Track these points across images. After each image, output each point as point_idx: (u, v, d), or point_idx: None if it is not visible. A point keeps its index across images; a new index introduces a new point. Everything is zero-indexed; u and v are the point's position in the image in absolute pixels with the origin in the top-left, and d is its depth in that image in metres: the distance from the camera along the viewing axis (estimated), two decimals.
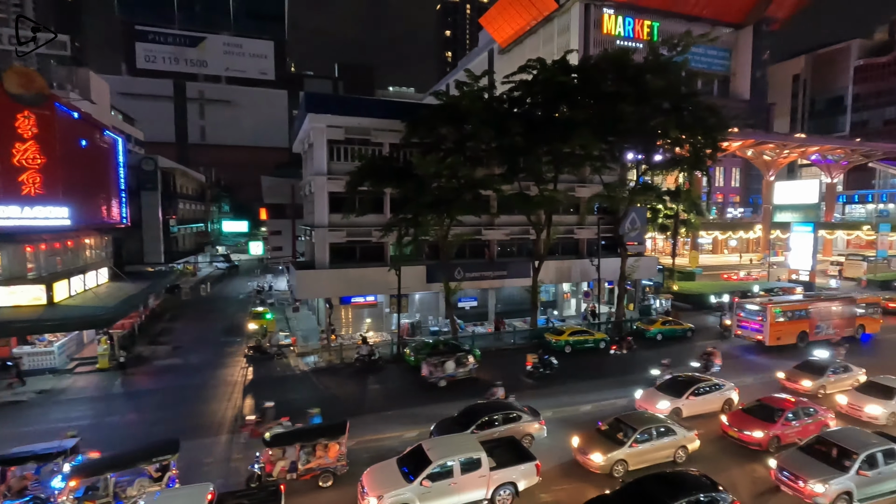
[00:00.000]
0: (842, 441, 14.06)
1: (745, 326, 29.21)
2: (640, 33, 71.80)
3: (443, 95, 29.90)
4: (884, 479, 13.40)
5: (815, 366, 21.80)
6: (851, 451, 13.53)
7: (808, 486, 12.96)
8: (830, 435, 14.69)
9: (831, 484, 12.85)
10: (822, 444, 14.27)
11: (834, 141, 71.98)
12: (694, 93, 32.87)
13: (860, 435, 14.52)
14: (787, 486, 13.56)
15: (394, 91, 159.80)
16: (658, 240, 57.99)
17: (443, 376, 22.52)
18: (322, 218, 30.08)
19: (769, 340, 27.68)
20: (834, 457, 13.65)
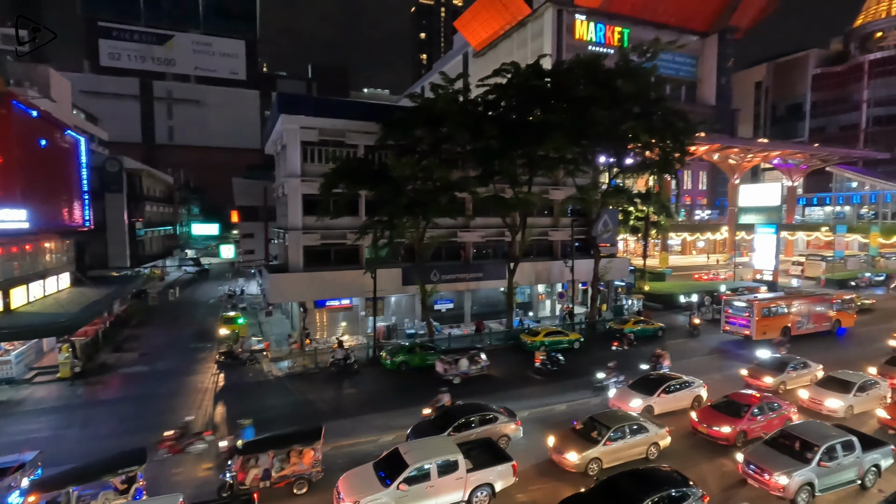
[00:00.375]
0: (804, 434, 14.61)
1: (732, 322, 30.54)
2: (611, 39, 73.39)
3: (418, 98, 29.93)
4: (842, 470, 13.99)
5: (776, 362, 22.59)
6: (813, 443, 14.08)
7: (772, 479, 13.41)
8: (793, 428, 15.25)
9: (794, 476, 13.32)
10: (785, 438, 14.80)
11: (794, 146, 75.03)
12: (663, 98, 33.78)
13: (821, 428, 15.12)
14: (754, 479, 14.00)
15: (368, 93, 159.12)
16: (630, 241, 59.28)
17: (457, 373, 23.20)
18: (296, 220, 29.63)
19: (756, 335, 29.04)
20: (797, 449, 14.17)
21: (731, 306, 30.80)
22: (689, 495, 12.20)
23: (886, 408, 18.08)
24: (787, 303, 30.62)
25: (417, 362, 25.27)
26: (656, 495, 11.83)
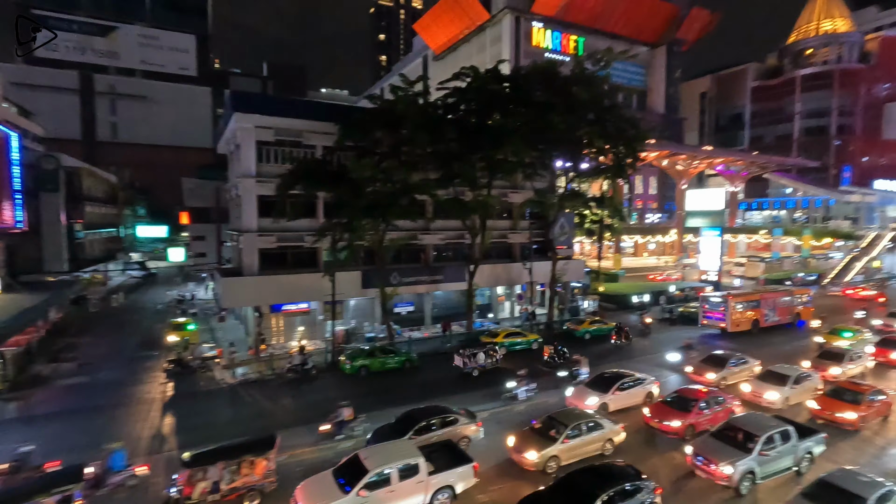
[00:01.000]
0: (746, 426, 15.46)
1: (709, 317, 33.26)
2: (567, 47, 75.48)
3: (377, 99, 29.77)
4: (780, 458, 14.89)
5: (717, 359, 23.65)
6: (754, 434, 14.90)
7: (718, 469, 14.10)
8: (736, 420, 16.11)
9: (738, 465, 14.05)
10: (729, 430, 15.60)
11: (735, 154, 79.54)
12: (616, 105, 35.06)
13: (761, 419, 16.05)
14: (701, 469, 14.68)
15: (326, 93, 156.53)
16: (585, 244, 61.00)
17: (475, 366, 24.64)
18: (250, 222, 28.71)
19: (730, 327, 31.92)
20: (740, 440, 14.96)
21: (707, 302, 33.57)
22: (643, 488, 12.67)
23: (817, 399, 19.35)
24: (757, 298, 33.54)
25: (378, 366, 25.01)
26: (612, 489, 12.23)
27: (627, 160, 33.77)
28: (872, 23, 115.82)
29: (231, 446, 14.16)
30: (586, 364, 23.72)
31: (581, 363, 23.75)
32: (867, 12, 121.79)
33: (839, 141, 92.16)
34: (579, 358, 24.18)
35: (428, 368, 25.93)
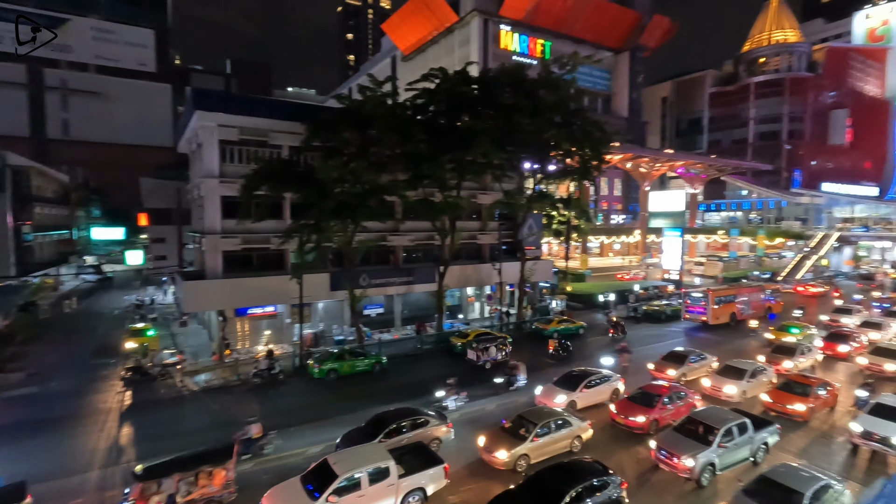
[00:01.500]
0: (706, 419, 16.01)
1: (692, 311, 35.59)
2: (534, 51, 76.63)
3: (346, 99, 29.40)
4: (738, 449, 15.50)
5: (677, 356, 24.35)
6: (713, 426, 15.46)
7: (680, 462, 14.57)
8: (697, 414, 16.67)
9: (698, 458, 14.54)
10: (691, 424, 16.13)
11: (695, 157, 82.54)
12: (582, 109, 35.77)
13: (720, 412, 16.66)
14: (665, 463, 15.13)
15: (293, 92, 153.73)
16: (553, 244, 62.04)
17: (488, 359, 26.06)
18: (214, 224, 27.88)
19: (711, 320, 34.35)
20: (700, 433, 15.48)
21: (689, 297, 36.13)
22: (610, 483, 12.97)
23: (769, 393, 20.16)
24: (733, 293, 36.47)
25: (347, 370, 24.69)
26: (580, 485, 12.46)
27: (593, 162, 34.53)
28: (819, 34, 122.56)
29: (187, 457, 13.51)
30: (524, 370, 22.93)
31: (519, 369, 22.82)
32: (814, 24, 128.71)
33: (790, 145, 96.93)
34: (517, 364, 23.20)
35: (398, 370, 25.80)
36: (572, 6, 76.55)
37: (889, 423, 16.35)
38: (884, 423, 16.40)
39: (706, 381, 22.13)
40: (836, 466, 15.78)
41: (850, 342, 27.30)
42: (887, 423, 16.37)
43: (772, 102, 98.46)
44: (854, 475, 15.27)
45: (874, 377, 23.00)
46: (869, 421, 16.71)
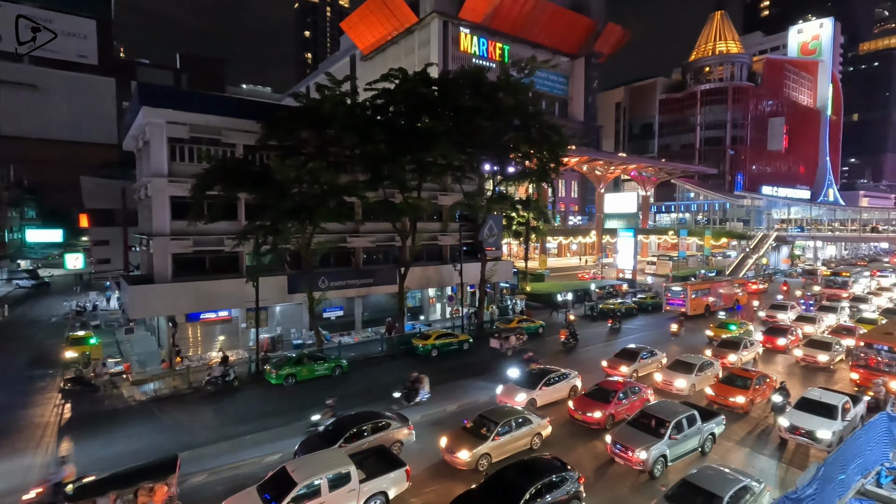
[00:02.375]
0: (658, 413, 16.61)
1: (672, 303, 39.60)
2: (493, 54, 77.64)
3: (303, 98, 28.71)
4: (687, 440, 16.18)
5: (629, 353, 25.17)
6: (665, 419, 16.06)
7: (634, 455, 15.08)
8: (650, 408, 17.29)
9: (651, 450, 15.08)
10: (644, 418, 16.68)
11: (646, 160, 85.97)
12: (540, 112, 36.49)
13: (671, 406, 17.33)
14: (620, 456, 15.60)
15: (248, 89, 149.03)
16: (513, 245, 63.01)
17: (509, 347, 28.37)
18: (162, 225, 26.62)
19: (690, 311, 38.15)
20: (653, 427, 16.04)
21: (670, 291, 40.40)
22: (568, 479, 13.27)
23: (712, 386, 21.07)
24: (707, 287, 40.95)
25: (306, 374, 24.12)
26: (539, 482, 12.70)
27: (551, 164, 35.29)
28: (758, 46, 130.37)
29: (125, 473, 12.61)
30: (427, 383, 21.02)
31: (422, 382, 20.93)
32: (754, 36, 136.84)
33: (733, 150, 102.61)
34: (420, 377, 21.14)
35: (359, 374, 25.46)
36: (530, 11, 78.08)
37: (814, 417, 17.03)
38: (809, 417, 17.08)
39: (658, 376, 23.04)
40: (770, 454, 16.76)
41: (787, 335, 29.16)
42: (812, 417, 17.05)
43: (716, 110, 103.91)
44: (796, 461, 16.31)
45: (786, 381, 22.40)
46: (795, 415, 17.37)
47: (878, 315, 35.95)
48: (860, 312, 37.60)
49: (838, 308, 37.29)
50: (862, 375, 22.43)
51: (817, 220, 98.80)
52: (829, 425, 16.64)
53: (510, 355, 27.87)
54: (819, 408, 17.35)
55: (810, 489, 11.98)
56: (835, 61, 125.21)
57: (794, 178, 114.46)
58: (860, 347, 23.14)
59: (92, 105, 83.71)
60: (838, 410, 17.09)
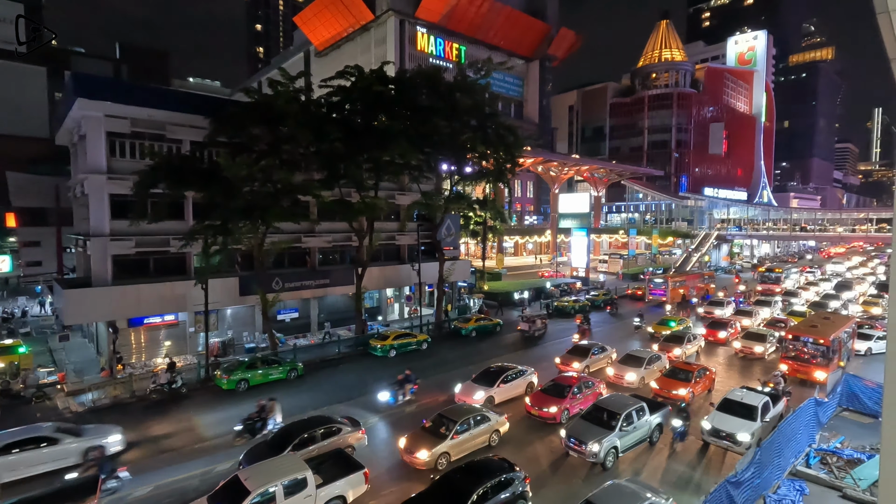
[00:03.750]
0: (609, 406, 17.14)
1: (654, 293, 45.33)
2: (450, 54, 77.96)
3: (255, 93, 27.72)
4: (637, 432, 16.78)
5: (581, 349, 25.89)
6: (615, 412, 16.59)
7: (587, 448, 15.51)
8: (601, 402, 17.78)
9: (603, 442, 15.53)
10: (596, 411, 17.16)
11: (598, 162, 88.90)
12: (496, 113, 36.95)
13: (622, 399, 17.93)
14: (573, 450, 15.99)
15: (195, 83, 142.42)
16: (470, 244, 63.58)
17: (536, 329, 32.72)
18: (101, 225, 25.04)
19: (669, 301, 43.56)
20: (604, 420, 16.54)
21: (653, 283, 46.17)
22: (514, 479, 13.37)
23: (657, 380, 21.93)
24: (683, 279, 47.37)
25: (260, 379, 23.36)
26: (486, 484, 12.68)
27: (507, 165, 35.84)
28: (700, 55, 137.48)
29: (41, 496, 11.82)
30: (279, 410, 18.08)
31: (272, 410, 17.88)
32: (696, 45, 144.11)
33: (677, 153, 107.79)
34: (270, 403, 18.03)
35: (315, 377, 24.93)
36: (486, 13, 78.96)
37: (735, 420, 16.65)
38: (731, 420, 16.69)
39: (610, 370, 23.88)
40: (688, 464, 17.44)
41: (727, 329, 30.96)
42: (734, 420, 16.67)
43: (662, 114, 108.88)
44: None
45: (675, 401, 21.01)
46: (717, 417, 17.01)
47: (806, 308, 38.82)
48: (791, 306, 40.43)
49: (772, 302, 39.98)
50: (791, 366, 23.74)
51: (753, 219, 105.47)
52: (748, 427, 16.37)
53: (537, 336, 32.46)
54: (740, 409, 17.13)
55: (748, 472, 12.77)
56: (768, 71, 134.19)
57: (732, 180, 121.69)
58: (789, 340, 24.40)
59: (19, 95, 77.41)
60: (758, 411, 16.94)
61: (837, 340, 23.85)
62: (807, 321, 27.52)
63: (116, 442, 16.41)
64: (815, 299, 43.71)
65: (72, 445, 15.37)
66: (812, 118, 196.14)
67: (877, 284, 51.99)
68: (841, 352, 24.46)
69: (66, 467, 14.82)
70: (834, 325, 24.95)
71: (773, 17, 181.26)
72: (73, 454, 15.22)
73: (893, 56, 7.46)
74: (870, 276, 61.61)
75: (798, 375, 23.45)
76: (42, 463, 14.80)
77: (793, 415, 16.15)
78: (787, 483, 14.34)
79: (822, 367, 22.79)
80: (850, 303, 42.78)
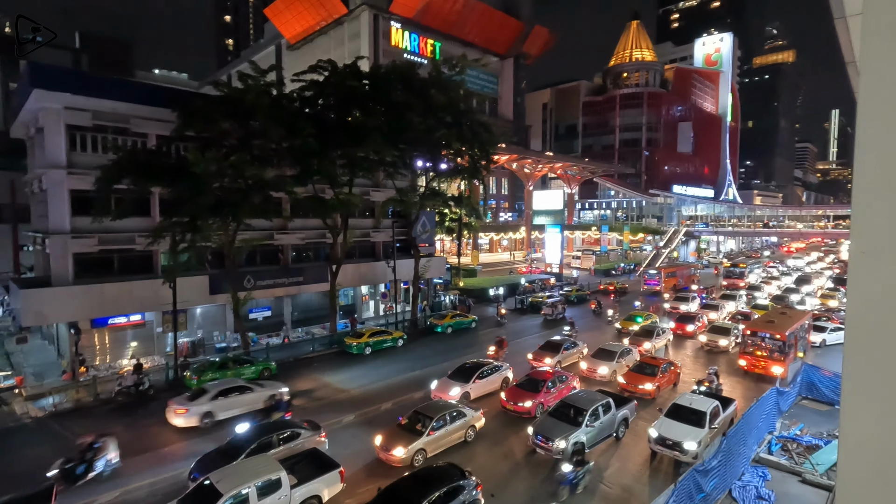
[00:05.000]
0: (576, 402, 16.94)
1: (648, 283, 50.35)
2: (424, 50, 77.64)
3: (224, 87, 27.01)
4: (603, 427, 16.62)
5: (553, 345, 26.08)
6: (582, 408, 16.43)
7: (553, 445, 15.31)
8: (569, 398, 17.56)
9: (569, 439, 15.35)
10: (563, 407, 16.92)
11: (571, 160, 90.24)
12: (471, 110, 37.01)
13: (589, 395, 17.74)
14: (540, 447, 15.78)
15: (161, 75, 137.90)
16: (446, 241, 63.62)
17: (557, 313, 36.80)
18: (61, 222, 24.01)
19: (663, 290, 48.02)
20: (571, 416, 16.31)
21: (647, 273, 51.80)
22: (465, 487, 12.79)
23: (624, 375, 22.18)
24: (674, 271, 52.47)
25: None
26: (433, 494, 12.20)
27: (482, 162, 35.98)
28: (669, 55, 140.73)
29: None
30: (114, 448, 15.35)
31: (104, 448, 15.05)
32: (665, 46, 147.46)
33: (648, 152, 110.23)
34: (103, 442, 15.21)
35: (289, 376, 24.52)
36: (460, 9, 78.92)
37: (682, 427, 15.82)
38: (678, 427, 15.85)
39: (583, 364, 24.31)
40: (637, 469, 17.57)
41: (695, 322, 31.92)
42: (681, 427, 15.83)
43: (633, 113, 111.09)
44: None
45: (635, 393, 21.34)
46: (665, 424, 16.13)
47: (769, 302, 40.36)
48: (755, 299, 41.98)
49: (737, 296, 41.43)
50: (749, 361, 23.99)
51: (720, 216, 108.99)
52: (695, 434, 15.46)
53: (560, 318, 36.18)
54: (689, 415, 16.30)
55: (715, 461, 13.22)
56: (733, 73, 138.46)
57: (700, 178, 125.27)
58: (747, 336, 24.40)
59: None
60: (706, 417, 16.06)
61: (794, 335, 24.20)
62: (764, 317, 27.76)
63: (286, 392, 20.50)
64: (777, 293, 45.49)
65: (261, 392, 19.94)
66: (774, 119, 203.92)
67: (833, 278, 54.48)
68: (797, 346, 24.91)
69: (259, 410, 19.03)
70: (791, 320, 25.30)
71: (738, 20, 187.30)
72: (262, 399, 19.70)
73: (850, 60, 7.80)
74: (827, 271, 64.48)
75: (756, 370, 23.74)
76: (244, 405, 19.37)
77: (755, 404, 16.76)
78: (750, 469, 14.92)
79: (779, 362, 23.03)
80: (809, 296, 44.71)
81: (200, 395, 18.94)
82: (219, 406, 18.88)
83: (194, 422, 18.27)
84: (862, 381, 2.74)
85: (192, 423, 18.26)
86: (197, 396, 18.95)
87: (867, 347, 2.70)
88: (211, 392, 19.03)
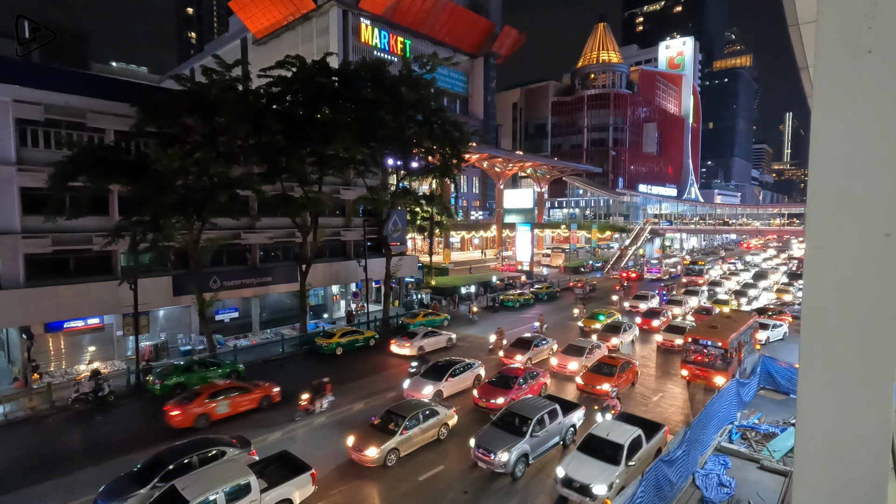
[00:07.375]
0: (521, 410, 15.94)
1: (650, 272, 59.22)
2: (394, 48, 77.16)
3: (187, 81, 26.13)
4: (549, 436, 15.86)
5: (524, 342, 26.33)
6: (527, 417, 15.46)
7: (495, 458, 14.35)
8: (513, 406, 16.55)
9: (513, 451, 14.39)
10: (507, 416, 15.96)
11: (541, 159, 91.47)
12: (441, 108, 37.01)
13: (534, 402, 16.83)
14: (482, 460, 14.69)
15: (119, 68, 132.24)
16: (417, 240, 63.50)
17: (588, 291, 43.60)
18: (11, 222, 22.73)
19: (663, 276, 57.19)
20: (516, 425, 15.38)
21: (649, 263, 62.54)
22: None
23: (582, 375, 22.02)
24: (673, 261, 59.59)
25: (196, 383, 22.07)
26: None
27: (453, 160, 36.04)
28: (635, 57, 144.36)
29: None
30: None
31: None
32: (631, 48, 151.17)
33: (615, 152, 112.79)
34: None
35: (257, 378, 23.96)
36: (430, 7, 78.78)
37: (595, 464, 13.24)
38: (590, 464, 13.25)
39: (554, 360, 24.70)
40: None
41: (660, 318, 32.90)
42: (593, 464, 13.23)
43: (600, 114, 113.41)
44: None
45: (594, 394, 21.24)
46: (575, 461, 13.55)
47: (729, 297, 41.99)
48: (716, 294, 43.59)
49: (699, 292, 42.93)
50: (691, 371, 21.80)
51: (683, 214, 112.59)
52: (608, 474, 12.93)
53: (591, 296, 42.79)
54: (604, 448, 13.73)
55: (680, 451, 13.66)
56: (695, 75, 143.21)
57: (664, 177, 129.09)
58: (688, 343, 22.04)
59: None
60: (623, 451, 13.51)
61: (738, 341, 22.03)
62: (707, 322, 25.24)
63: None
64: (736, 288, 47.35)
65: None
66: (733, 120, 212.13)
67: (788, 273, 57.17)
68: (742, 352, 22.56)
69: None
70: (735, 324, 23.22)
71: (699, 25, 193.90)
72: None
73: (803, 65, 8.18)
74: (782, 266, 67.58)
75: (698, 381, 21.58)
76: None
77: (717, 394, 17.42)
78: (712, 458, 15.50)
79: (722, 372, 20.69)
80: (766, 291, 46.75)
81: None
82: None
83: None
84: (818, 370, 2.89)
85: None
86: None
87: (822, 337, 2.84)
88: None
